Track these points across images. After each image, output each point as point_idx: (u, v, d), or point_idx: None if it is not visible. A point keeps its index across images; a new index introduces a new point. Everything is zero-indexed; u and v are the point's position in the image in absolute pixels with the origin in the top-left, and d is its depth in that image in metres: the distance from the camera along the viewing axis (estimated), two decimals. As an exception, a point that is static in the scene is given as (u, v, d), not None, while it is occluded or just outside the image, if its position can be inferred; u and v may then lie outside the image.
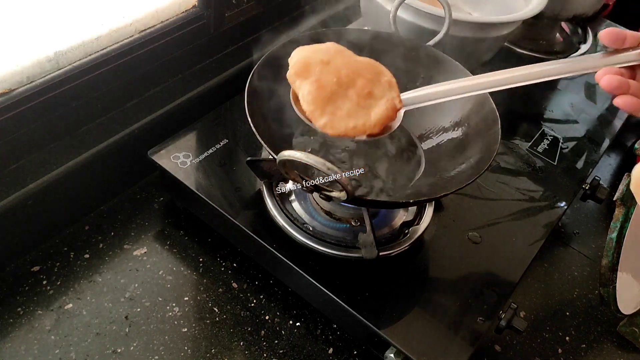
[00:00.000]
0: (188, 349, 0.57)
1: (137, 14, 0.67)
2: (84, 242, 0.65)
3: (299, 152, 0.44)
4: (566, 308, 0.70)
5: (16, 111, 0.57)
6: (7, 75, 0.56)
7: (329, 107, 0.48)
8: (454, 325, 0.55)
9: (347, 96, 0.49)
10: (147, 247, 0.65)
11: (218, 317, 0.60)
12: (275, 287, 0.64)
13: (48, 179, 0.60)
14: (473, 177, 0.53)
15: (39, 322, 0.57)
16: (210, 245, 0.66)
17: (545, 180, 0.74)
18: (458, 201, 0.67)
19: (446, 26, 0.66)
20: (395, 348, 0.53)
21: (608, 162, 0.94)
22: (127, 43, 0.66)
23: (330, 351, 0.60)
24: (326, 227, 0.61)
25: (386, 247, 0.59)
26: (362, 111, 0.49)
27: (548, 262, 0.75)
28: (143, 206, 0.69)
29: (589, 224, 0.82)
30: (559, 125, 0.85)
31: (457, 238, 0.63)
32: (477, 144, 0.58)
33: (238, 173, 0.65)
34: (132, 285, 0.61)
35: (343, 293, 0.55)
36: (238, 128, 0.70)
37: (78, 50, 0.62)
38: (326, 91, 0.48)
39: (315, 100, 0.48)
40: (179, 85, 0.74)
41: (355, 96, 0.49)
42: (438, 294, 0.58)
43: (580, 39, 1.03)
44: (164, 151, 0.65)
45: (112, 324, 0.58)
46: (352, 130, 0.48)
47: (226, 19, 0.77)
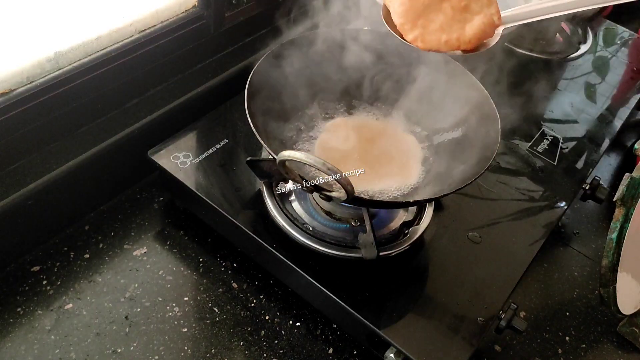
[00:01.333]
0: (188, 349, 0.57)
1: (137, 14, 0.67)
2: (84, 242, 0.65)
3: (299, 152, 0.44)
4: (566, 308, 0.70)
5: (16, 111, 0.57)
6: (7, 75, 0.56)
7: (421, 20, 0.46)
8: (454, 325, 0.55)
9: (442, 9, 0.47)
10: (147, 247, 0.65)
11: (218, 317, 0.60)
12: (275, 287, 0.64)
13: (48, 179, 0.60)
14: (473, 177, 0.53)
15: (39, 322, 0.57)
16: (210, 245, 0.66)
17: (545, 180, 0.74)
18: (458, 201, 0.67)
19: (446, 26, 0.66)
20: (395, 348, 0.53)
21: (608, 162, 0.94)
22: (127, 43, 0.66)
23: (330, 351, 0.60)
24: (326, 227, 0.61)
25: (386, 247, 0.59)
26: (456, 25, 0.47)
27: (548, 262, 0.75)
28: (143, 206, 0.69)
29: (589, 224, 0.82)
30: (559, 125, 0.85)
31: (457, 238, 0.63)
32: (477, 144, 0.58)
33: (238, 173, 0.65)
34: (132, 285, 0.61)
35: (343, 293, 0.55)
36: (238, 128, 0.70)
37: (78, 50, 0.62)
38: (419, 3, 0.46)
39: (406, 13, 0.46)
40: (179, 85, 0.74)
41: (450, 9, 0.47)
42: (438, 294, 0.58)
43: (580, 39, 1.03)
44: (164, 151, 0.65)
45: (112, 324, 0.58)
46: (444, 44, 0.46)
47: (226, 19, 0.77)
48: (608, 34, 1.09)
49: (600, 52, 1.03)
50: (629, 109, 0.91)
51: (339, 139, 0.63)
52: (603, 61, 1.01)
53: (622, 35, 1.09)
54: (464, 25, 0.47)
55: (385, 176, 0.61)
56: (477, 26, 0.47)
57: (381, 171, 0.61)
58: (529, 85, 0.87)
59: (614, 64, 1.01)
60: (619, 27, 1.09)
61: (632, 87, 0.97)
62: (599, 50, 1.04)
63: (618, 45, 1.06)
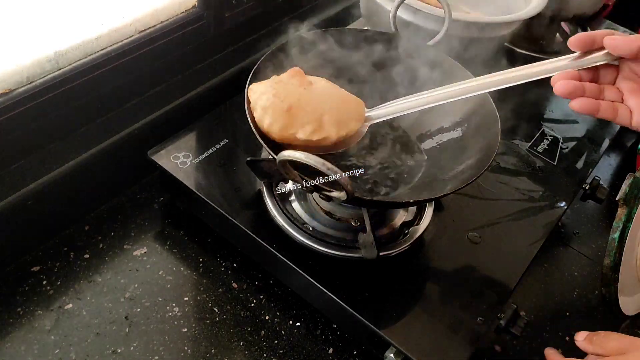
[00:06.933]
0: (188, 349, 0.57)
1: (137, 14, 0.67)
2: (84, 242, 0.65)
3: (298, 152, 0.44)
4: (566, 308, 0.70)
5: (16, 111, 0.57)
6: (7, 75, 0.56)
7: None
8: (454, 325, 0.55)
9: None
10: (147, 247, 0.65)
11: (218, 317, 0.60)
12: (275, 287, 0.64)
13: (48, 179, 0.60)
14: (473, 177, 0.53)
15: (39, 322, 0.57)
16: (210, 245, 0.66)
17: (545, 180, 0.74)
18: (458, 201, 0.67)
19: (446, 26, 0.66)
20: (395, 348, 0.53)
21: (608, 162, 0.94)
22: (127, 43, 0.66)
23: (330, 351, 0.60)
24: (326, 227, 0.61)
25: (386, 247, 0.59)
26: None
27: (548, 262, 0.75)
28: (143, 206, 0.69)
29: (589, 224, 0.82)
30: (559, 125, 0.85)
31: (457, 238, 0.63)
32: (477, 144, 0.58)
33: (238, 173, 0.65)
34: (132, 285, 0.61)
35: (343, 293, 0.55)
36: (238, 128, 0.70)
37: (78, 50, 0.62)
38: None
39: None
40: (179, 85, 0.74)
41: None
42: (438, 294, 0.58)
43: (580, 39, 1.03)
44: (164, 151, 0.65)
45: (112, 324, 0.58)
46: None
47: (226, 19, 0.77)
48: (608, 34, 1.09)
49: (600, 52, 1.03)
50: (629, 109, 0.90)
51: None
52: (603, 61, 1.01)
53: (622, 35, 1.08)
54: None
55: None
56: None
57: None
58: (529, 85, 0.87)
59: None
60: (619, 27, 1.09)
61: (632, 87, 0.97)
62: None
63: (618, 45, 1.06)
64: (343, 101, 0.55)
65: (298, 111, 0.52)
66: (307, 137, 0.52)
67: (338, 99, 0.55)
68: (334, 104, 0.54)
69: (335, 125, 0.52)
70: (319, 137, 0.52)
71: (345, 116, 0.54)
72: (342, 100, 0.55)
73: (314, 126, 0.52)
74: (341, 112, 0.54)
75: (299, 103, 0.52)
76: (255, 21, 0.82)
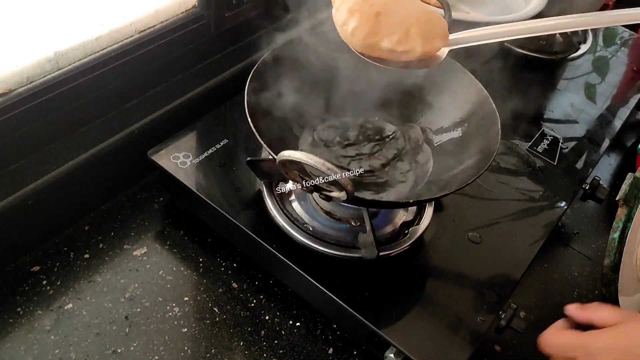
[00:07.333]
0: (188, 349, 0.57)
1: (137, 14, 0.67)
2: (84, 242, 0.65)
3: (298, 152, 0.44)
4: (566, 308, 0.70)
5: (16, 111, 0.57)
6: (7, 75, 0.56)
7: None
8: (454, 325, 0.55)
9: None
10: (147, 247, 0.65)
11: (218, 317, 0.60)
12: (275, 287, 0.64)
13: (48, 179, 0.60)
14: (473, 177, 0.53)
15: (39, 322, 0.57)
16: (210, 245, 0.66)
17: (545, 180, 0.74)
18: (458, 201, 0.67)
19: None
20: (395, 348, 0.53)
21: (608, 162, 0.94)
22: (127, 43, 0.66)
23: (330, 351, 0.60)
24: (326, 227, 0.61)
25: (386, 247, 0.59)
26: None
27: (548, 262, 0.75)
28: (143, 206, 0.69)
29: (589, 224, 0.82)
30: (559, 125, 0.85)
31: (457, 238, 0.63)
32: (477, 144, 0.58)
33: (238, 173, 0.65)
34: (132, 285, 0.61)
35: (343, 293, 0.55)
36: (238, 128, 0.70)
37: (78, 50, 0.62)
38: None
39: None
40: (179, 85, 0.74)
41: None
42: (438, 294, 0.58)
43: (580, 39, 1.03)
44: (164, 151, 0.65)
45: (112, 324, 0.58)
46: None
47: (226, 19, 0.77)
48: (608, 34, 1.09)
49: (600, 52, 1.03)
50: (629, 109, 0.91)
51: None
52: (603, 61, 1.01)
53: (622, 35, 1.09)
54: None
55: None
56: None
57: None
58: (529, 85, 0.87)
59: (614, 64, 1.01)
60: (619, 27, 1.09)
61: (632, 87, 0.97)
62: (599, 50, 1.04)
63: (618, 45, 1.06)
64: (430, 16, 0.51)
65: (386, 18, 0.48)
66: (392, 46, 0.48)
67: (425, 13, 0.51)
68: (422, 17, 0.50)
69: (422, 39, 0.49)
70: (404, 49, 0.49)
71: (431, 32, 0.50)
72: (429, 16, 0.51)
73: (400, 36, 0.48)
74: (428, 27, 0.50)
75: (386, 10, 0.48)
76: (255, 21, 0.82)
